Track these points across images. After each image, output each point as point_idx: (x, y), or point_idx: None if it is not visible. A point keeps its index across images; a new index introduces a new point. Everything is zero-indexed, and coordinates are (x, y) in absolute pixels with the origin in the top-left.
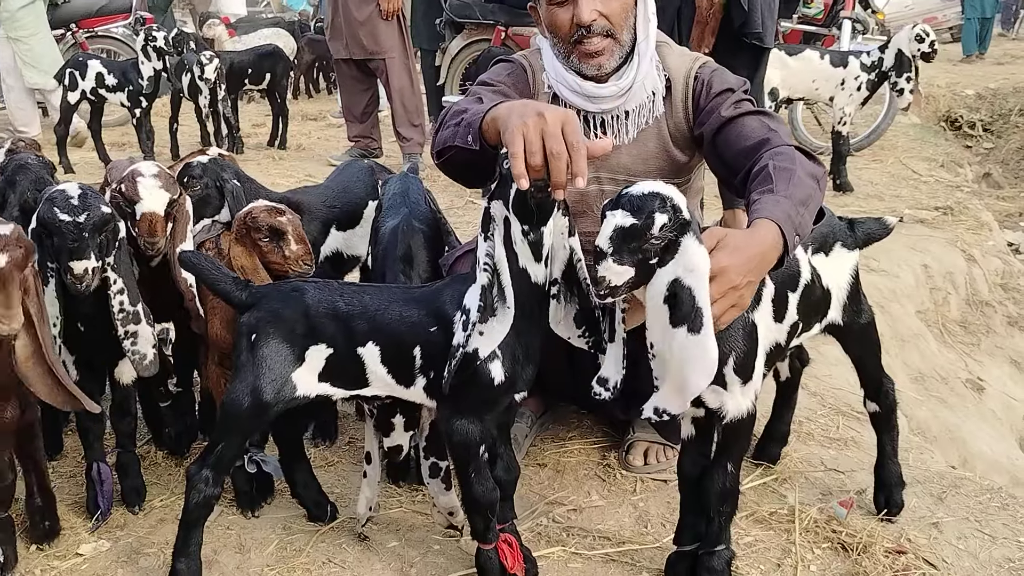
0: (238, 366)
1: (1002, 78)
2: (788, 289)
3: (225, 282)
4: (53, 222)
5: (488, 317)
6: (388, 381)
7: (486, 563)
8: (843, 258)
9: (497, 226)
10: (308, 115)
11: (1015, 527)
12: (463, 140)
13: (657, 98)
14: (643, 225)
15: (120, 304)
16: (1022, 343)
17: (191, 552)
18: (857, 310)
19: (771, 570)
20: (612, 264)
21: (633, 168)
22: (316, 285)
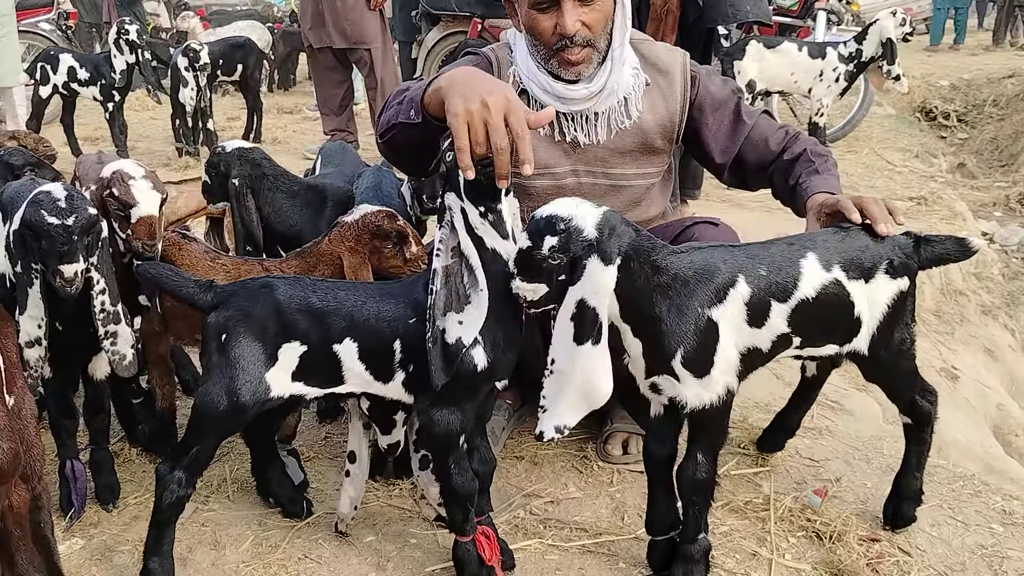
0: (209, 367)
1: (976, 69)
2: (772, 297)
3: (188, 287)
4: (41, 225)
5: (464, 305)
6: (366, 378)
7: (464, 556)
8: (882, 287)
9: (455, 214)
10: (284, 108)
11: (988, 514)
12: (406, 115)
13: (630, 103)
14: (533, 248)
15: (101, 304)
16: (996, 332)
17: (163, 551)
18: (886, 342)
19: (747, 559)
20: (520, 283)
21: (609, 161)
22: (287, 281)
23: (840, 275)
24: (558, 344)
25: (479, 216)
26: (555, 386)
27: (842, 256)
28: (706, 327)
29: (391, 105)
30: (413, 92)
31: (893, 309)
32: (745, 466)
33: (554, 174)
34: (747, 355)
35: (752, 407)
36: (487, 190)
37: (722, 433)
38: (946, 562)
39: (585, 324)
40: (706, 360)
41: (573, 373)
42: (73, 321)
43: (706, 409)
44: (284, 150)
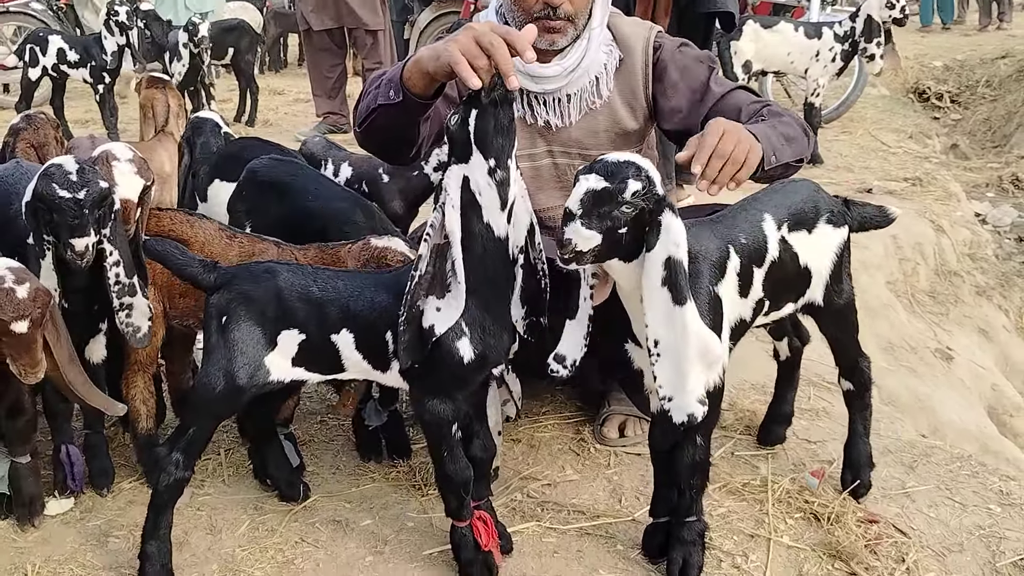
0: (209, 348)
1: (969, 49)
2: (754, 264)
3: (192, 266)
4: (52, 199)
5: (444, 293)
6: (364, 367)
7: (460, 540)
8: (828, 236)
9: (449, 195)
10: (275, 90)
11: (985, 495)
12: (385, 97)
13: (601, 83)
14: (615, 189)
15: (116, 276)
16: (990, 312)
17: (161, 534)
18: (838, 290)
19: (744, 540)
20: (580, 227)
21: (584, 141)
22: (290, 268)
23: (787, 230)
24: (657, 321)
25: (486, 174)
26: (671, 366)
27: (789, 211)
28: (715, 304)
29: (368, 92)
30: (391, 74)
31: (840, 257)
32: (742, 448)
33: (531, 156)
34: (736, 328)
35: (748, 389)
36: (500, 124)
37: (718, 413)
38: (944, 543)
39: (679, 282)
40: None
41: (684, 342)
42: (78, 298)
43: (709, 392)
44: (276, 132)
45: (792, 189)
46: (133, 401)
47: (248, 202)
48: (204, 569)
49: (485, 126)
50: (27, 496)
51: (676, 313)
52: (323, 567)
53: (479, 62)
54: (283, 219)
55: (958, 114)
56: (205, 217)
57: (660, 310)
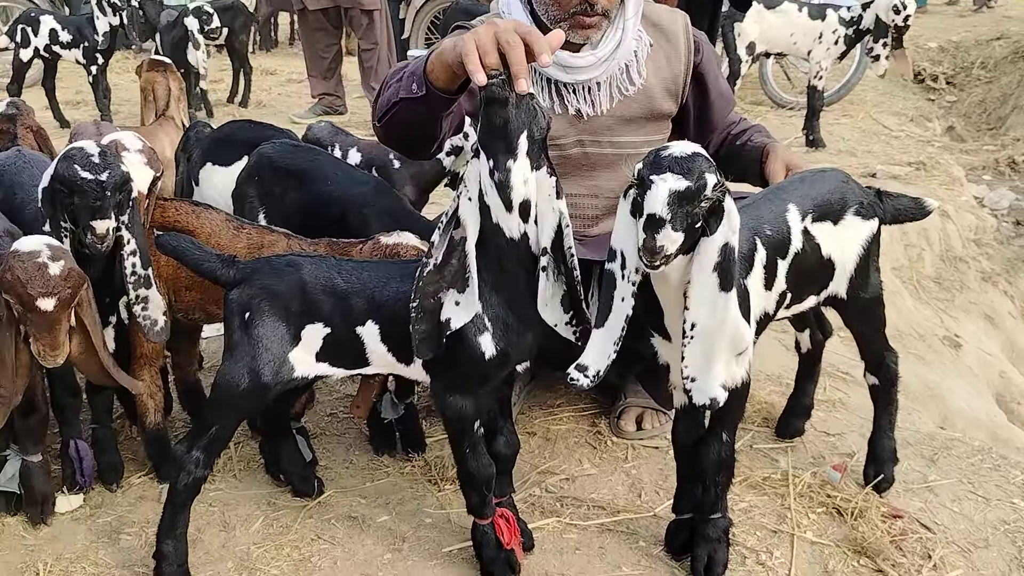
0: (231, 345)
1: (964, 31)
2: (778, 256)
3: (209, 261)
4: (75, 180)
5: (464, 287)
6: (389, 360)
7: (482, 538)
8: (855, 228)
9: (468, 188)
10: (267, 70)
11: (1008, 488)
12: (407, 90)
13: (632, 71)
14: (697, 187)
15: (132, 266)
16: (995, 298)
17: (178, 533)
18: (863, 284)
19: (768, 536)
20: (671, 232)
21: (615, 129)
22: (312, 260)
23: (812, 221)
24: (699, 303)
25: (488, 174)
26: (701, 349)
27: (814, 202)
28: (745, 298)
29: (389, 85)
30: (414, 66)
31: (867, 251)
32: (761, 441)
33: (560, 145)
34: (761, 321)
35: (764, 380)
36: (495, 124)
37: (743, 410)
38: (969, 538)
39: (731, 269)
40: None
41: (721, 328)
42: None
43: (737, 387)
44: (270, 113)
45: (820, 179)
46: (140, 395)
47: (262, 187)
48: (219, 567)
49: (484, 125)
50: (39, 495)
51: (721, 299)
52: (341, 565)
53: (489, 59)
54: (300, 205)
55: (953, 96)
56: (211, 207)
57: (707, 295)
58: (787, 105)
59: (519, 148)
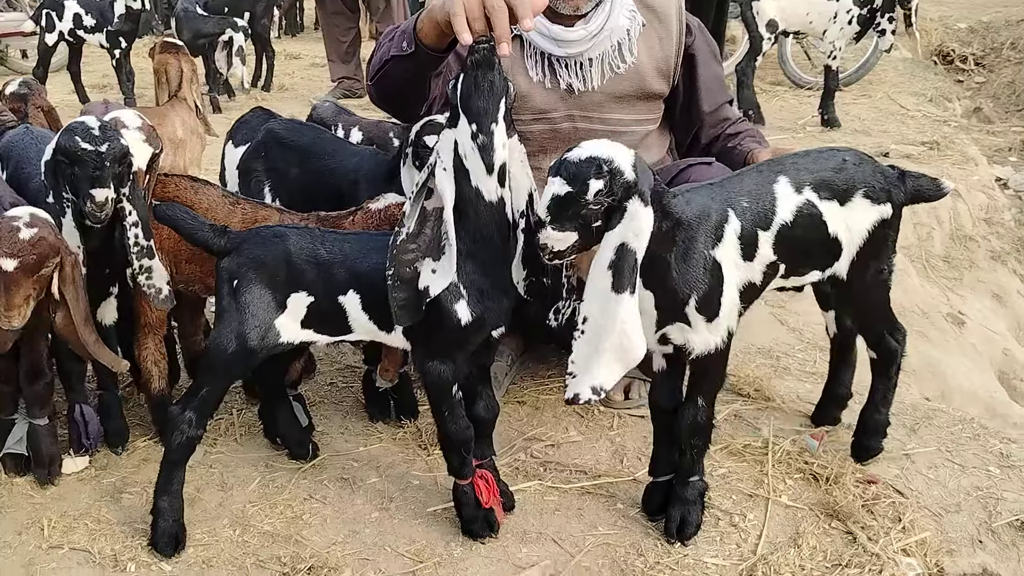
0: (220, 311)
1: (995, 11)
2: (759, 227)
3: (203, 230)
4: (75, 151)
5: (439, 255)
6: (370, 328)
7: (462, 497)
8: (864, 210)
9: (441, 159)
10: (291, 54)
11: (985, 456)
12: (398, 48)
13: (624, 48)
14: (578, 192)
15: (135, 237)
16: (1004, 277)
17: (173, 490)
18: (866, 267)
19: (743, 499)
20: (552, 232)
21: (606, 106)
22: (298, 231)
23: (812, 196)
24: (592, 298)
25: (470, 138)
26: (588, 346)
27: (813, 177)
28: (712, 268)
29: (382, 44)
30: (405, 25)
31: (873, 235)
32: (746, 411)
33: (550, 119)
34: (745, 292)
35: (755, 352)
36: (481, 87)
37: (722, 376)
38: (941, 503)
39: (625, 271)
40: (715, 303)
41: (611, 327)
42: (92, 263)
43: (711, 354)
44: (292, 96)
45: (825, 156)
46: (144, 363)
47: (268, 162)
48: (215, 524)
49: (468, 89)
50: (46, 457)
51: (612, 299)
52: (330, 522)
53: (477, 24)
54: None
55: (982, 77)
56: (209, 183)
57: (599, 291)
58: (806, 85)
59: (500, 113)
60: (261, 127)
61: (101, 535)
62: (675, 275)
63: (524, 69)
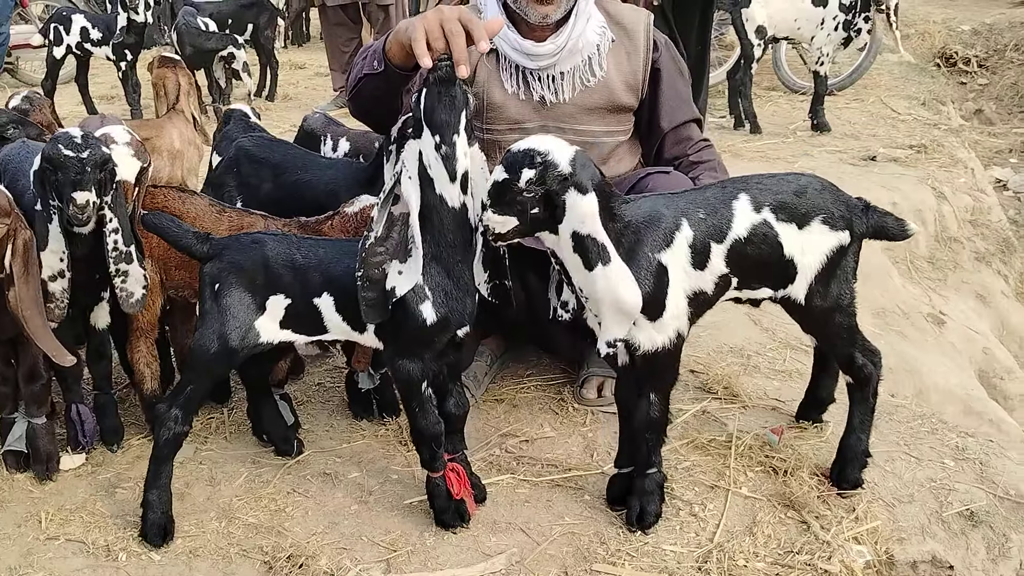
0: (203, 313)
1: (999, 12)
2: (711, 239)
3: (187, 237)
4: (58, 157)
5: (406, 257)
6: (344, 328)
7: (434, 490)
8: (821, 236)
9: (406, 167)
10: (296, 64)
11: (941, 450)
12: (369, 67)
13: (594, 62)
14: (512, 179)
15: (114, 242)
16: (988, 277)
17: (162, 484)
18: (823, 293)
19: (705, 491)
20: (492, 215)
21: (578, 117)
22: (275, 238)
23: (770, 216)
24: (576, 277)
25: (433, 149)
26: (594, 310)
27: (774, 198)
28: (657, 271)
29: (357, 63)
30: (376, 45)
31: (831, 261)
32: (715, 407)
33: (525, 129)
34: (694, 298)
35: (727, 352)
36: (444, 102)
37: (673, 375)
38: (895, 494)
39: (587, 251)
40: (658, 303)
41: (601, 297)
42: (80, 265)
43: (658, 352)
44: (295, 106)
45: (788, 179)
46: (137, 365)
47: (240, 177)
48: (202, 517)
49: (431, 104)
50: (44, 454)
51: (589, 276)
52: (311, 515)
53: (437, 44)
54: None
55: (985, 79)
56: (196, 193)
57: (578, 273)
58: (800, 90)
59: (461, 124)
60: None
61: (95, 527)
62: None
63: (500, 81)
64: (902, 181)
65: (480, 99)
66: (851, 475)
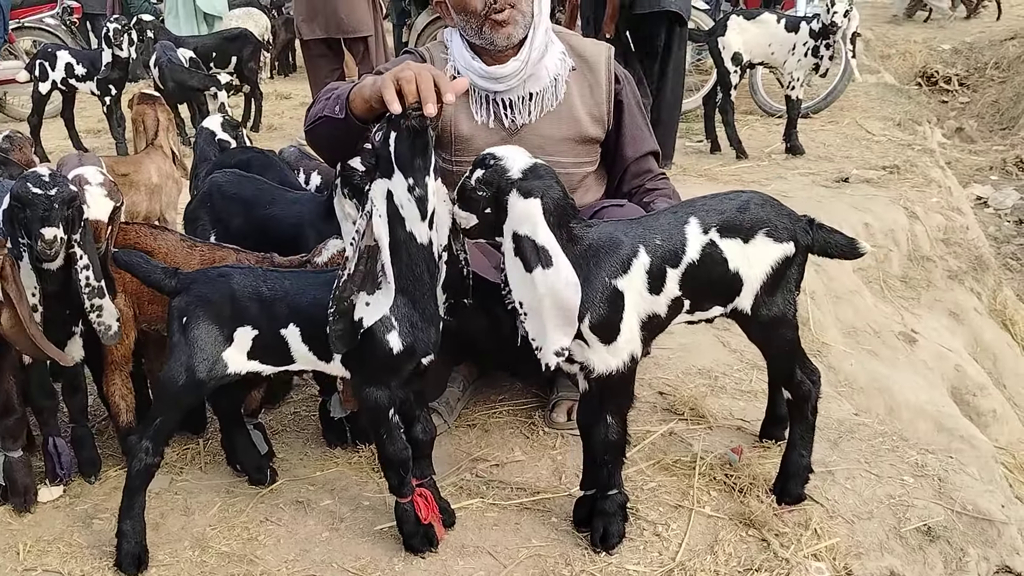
0: (171, 346)
1: (978, 32)
2: (667, 264)
3: (155, 273)
4: (26, 195)
5: (374, 289)
6: (310, 358)
7: (402, 515)
8: (765, 248)
9: (376, 206)
10: (282, 94)
11: (900, 467)
12: (331, 110)
13: (559, 83)
14: (467, 178)
15: (86, 279)
16: (961, 295)
17: (135, 514)
18: (768, 302)
19: (669, 511)
20: (459, 211)
21: (544, 147)
22: (242, 271)
23: (715, 236)
24: (516, 286)
25: (406, 191)
26: (535, 323)
27: (720, 218)
28: (612, 296)
29: (320, 100)
30: (341, 91)
31: (777, 271)
32: (682, 429)
33: None
34: (648, 322)
35: (695, 373)
36: (416, 147)
37: (628, 397)
38: (854, 511)
39: (526, 252)
40: (613, 327)
41: (541, 301)
42: (51, 302)
43: (612, 375)
44: (280, 136)
45: (730, 197)
46: (112, 397)
47: (213, 212)
48: (176, 546)
49: (403, 148)
50: (21, 487)
51: (528, 280)
52: (283, 543)
53: (408, 87)
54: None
55: (966, 97)
56: (167, 229)
57: (518, 277)
58: (776, 113)
59: (431, 167)
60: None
61: (72, 557)
62: None
63: (469, 114)
64: (874, 202)
65: (448, 132)
66: (793, 490)
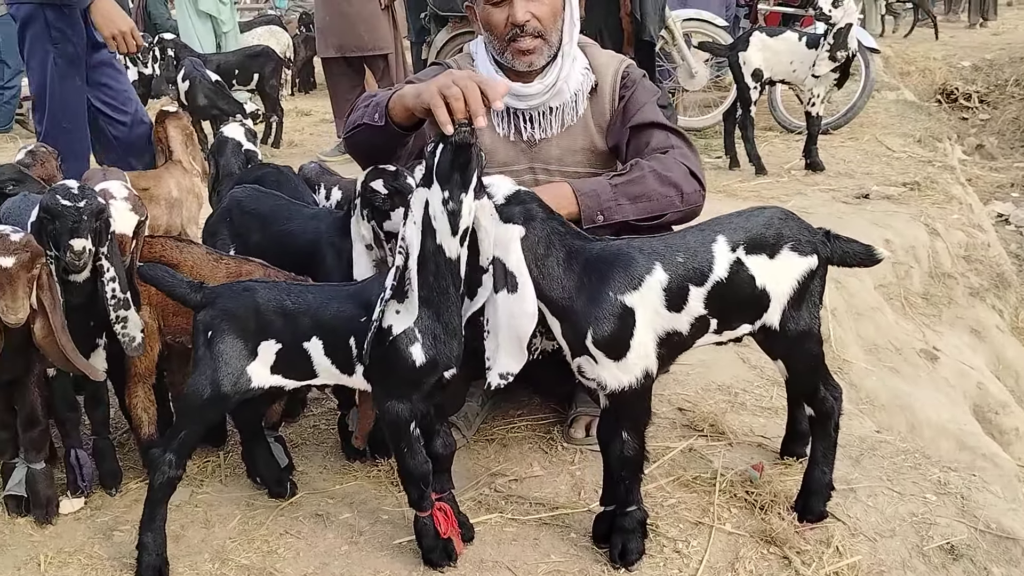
0: (196, 360)
1: (999, 48)
2: (691, 282)
3: (180, 287)
4: (56, 207)
5: (403, 298)
6: (333, 371)
7: (422, 529)
8: (791, 263)
9: (413, 213)
10: (302, 111)
11: (923, 484)
12: (371, 118)
13: (580, 98)
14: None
15: (112, 291)
16: (982, 312)
17: (156, 526)
18: (795, 316)
19: (689, 528)
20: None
21: (562, 159)
22: (266, 285)
23: (742, 253)
24: (488, 304)
25: (440, 203)
26: (492, 342)
27: (746, 235)
28: (620, 312)
29: (359, 107)
30: (380, 98)
31: (803, 285)
32: (702, 445)
33: (513, 171)
34: (667, 339)
35: (715, 390)
36: (457, 162)
37: (644, 413)
38: (876, 529)
39: (496, 274)
40: (621, 343)
41: (501, 323)
42: (76, 315)
43: (625, 391)
44: (300, 152)
45: (755, 214)
46: (135, 410)
47: (232, 227)
48: (196, 559)
49: (444, 160)
50: (43, 498)
51: (494, 300)
52: (303, 555)
53: (457, 104)
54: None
55: (986, 114)
56: (193, 242)
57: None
58: (796, 129)
59: (472, 184)
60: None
61: (93, 569)
62: (576, 308)
63: (492, 125)
64: (895, 219)
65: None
66: (815, 507)
